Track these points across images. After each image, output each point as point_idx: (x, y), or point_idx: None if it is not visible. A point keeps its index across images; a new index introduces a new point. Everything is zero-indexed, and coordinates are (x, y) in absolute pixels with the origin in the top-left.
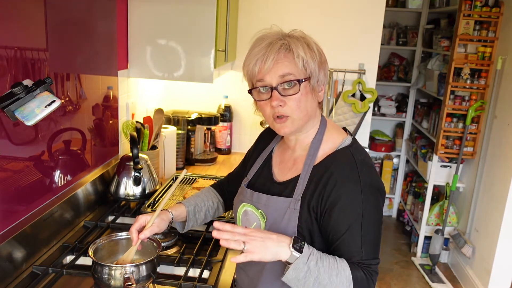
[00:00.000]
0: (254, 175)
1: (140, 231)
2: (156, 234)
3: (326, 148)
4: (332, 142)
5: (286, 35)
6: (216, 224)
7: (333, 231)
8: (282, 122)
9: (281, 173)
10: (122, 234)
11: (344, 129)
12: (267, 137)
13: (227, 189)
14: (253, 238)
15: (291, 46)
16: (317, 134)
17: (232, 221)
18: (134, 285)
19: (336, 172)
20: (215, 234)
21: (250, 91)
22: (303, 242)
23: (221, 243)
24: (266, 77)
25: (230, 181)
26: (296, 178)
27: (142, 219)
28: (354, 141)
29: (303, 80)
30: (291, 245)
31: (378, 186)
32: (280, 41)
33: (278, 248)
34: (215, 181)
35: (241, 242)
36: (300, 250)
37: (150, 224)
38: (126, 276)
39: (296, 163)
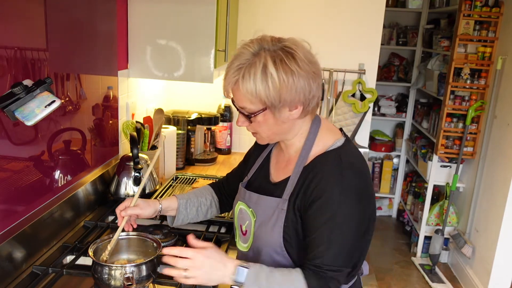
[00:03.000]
0: (254, 174)
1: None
2: (138, 217)
3: (317, 149)
4: (324, 143)
5: (256, 52)
6: (165, 250)
7: (308, 229)
8: (255, 135)
9: (276, 174)
10: (122, 234)
11: (341, 130)
12: None
13: (226, 188)
14: (198, 267)
15: (239, 82)
16: (309, 135)
17: (230, 221)
18: (134, 285)
19: (320, 173)
20: (165, 259)
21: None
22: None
23: (164, 270)
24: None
25: (230, 180)
26: (288, 179)
27: (127, 201)
28: (347, 142)
29: (255, 114)
30: (233, 276)
31: (364, 191)
32: (238, 70)
33: (222, 278)
34: (215, 181)
35: (181, 272)
36: (241, 279)
37: (133, 204)
38: (126, 276)
39: (289, 164)
